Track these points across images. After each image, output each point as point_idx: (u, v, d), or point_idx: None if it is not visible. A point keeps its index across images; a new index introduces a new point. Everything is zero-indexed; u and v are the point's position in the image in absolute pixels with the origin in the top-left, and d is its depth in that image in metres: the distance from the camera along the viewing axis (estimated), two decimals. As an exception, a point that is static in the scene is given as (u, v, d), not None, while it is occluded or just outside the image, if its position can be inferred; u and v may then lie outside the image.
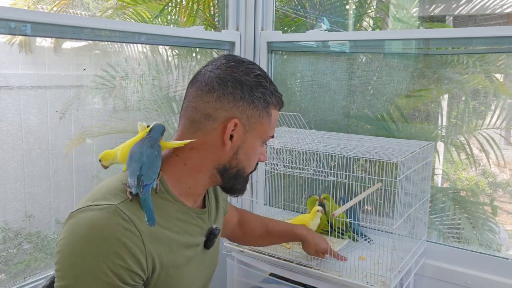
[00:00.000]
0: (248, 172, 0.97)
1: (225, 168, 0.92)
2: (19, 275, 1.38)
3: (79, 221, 0.79)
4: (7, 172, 1.38)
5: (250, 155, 0.94)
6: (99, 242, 0.76)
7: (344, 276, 1.33)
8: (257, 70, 0.92)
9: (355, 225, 1.58)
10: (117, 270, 0.76)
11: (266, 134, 0.95)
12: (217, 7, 2.14)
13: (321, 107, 2.00)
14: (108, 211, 0.79)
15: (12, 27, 1.13)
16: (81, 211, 0.80)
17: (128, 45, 1.76)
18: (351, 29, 2.13)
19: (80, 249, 0.76)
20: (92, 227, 0.77)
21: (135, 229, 0.79)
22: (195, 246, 0.95)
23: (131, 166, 0.85)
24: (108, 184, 0.87)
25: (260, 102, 0.91)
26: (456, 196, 1.78)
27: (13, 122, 1.36)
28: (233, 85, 0.88)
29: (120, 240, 0.77)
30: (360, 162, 1.73)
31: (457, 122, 1.75)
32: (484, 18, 2.11)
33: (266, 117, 0.93)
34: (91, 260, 0.75)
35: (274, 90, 0.94)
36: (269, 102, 0.92)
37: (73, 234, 0.78)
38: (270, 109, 0.93)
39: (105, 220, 0.78)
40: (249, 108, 0.90)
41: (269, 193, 1.95)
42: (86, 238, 0.76)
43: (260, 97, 0.90)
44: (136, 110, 1.76)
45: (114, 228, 0.77)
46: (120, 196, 0.83)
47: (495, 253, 1.55)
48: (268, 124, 0.94)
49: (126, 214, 0.79)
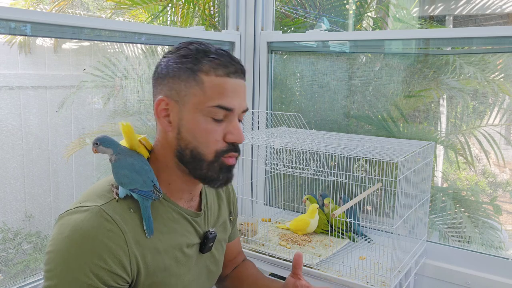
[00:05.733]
0: (205, 152, 0.86)
1: (179, 152, 0.87)
2: (19, 275, 1.38)
3: (65, 223, 0.80)
4: (7, 172, 1.38)
5: (195, 132, 0.85)
6: (81, 244, 0.76)
7: (344, 276, 1.33)
8: (191, 46, 0.86)
9: (355, 225, 1.58)
10: (98, 272, 0.76)
11: (204, 105, 0.84)
12: (217, 7, 2.14)
13: (321, 107, 2.00)
14: (91, 212, 0.79)
15: (12, 27, 1.13)
16: (68, 213, 0.81)
17: (128, 45, 1.76)
18: (351, 29, 2.13)
19: (63, 250, 0.77)
20: (75, 229, 0.78)
21: (118, 230, 0.79)
22: (187, 247, 0.92)
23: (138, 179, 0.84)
24: (96, 186, 0.87)
25: (185, 72, 0.84)
26: (456, 196, 1.78)
27: (13, 122, 1.36)
28: (160, 66, 0.88)
29: (102, 241, 0.77)
30: (360, 162, 1.73)
31: (456, 122, 1.75)
32: (484, 18, 2.11)
33: (196, 86, 0.84)
34: (73, 261, 0.76)
35: (206, 55, 0.85)
36: (195, 70, 0.84)
37: (58, 235, 0.79)
38: (199, 76, 0.84)
39: (87, 222, 0.78)
40: (174, 83, 0.85)
41: (269, 193, 1.95)
42: (69, 239, 0.77)
43: (182, 68, 0.84)
44: (135, 110, 1.76)
45: (96, 230, 0.77)
46: (106, 197, 0.83)
47: (496, 253, 1.55)
48: (203, 93, 0.83)
49: (109, 215, 0.79)
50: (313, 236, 1.59)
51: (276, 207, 1.90)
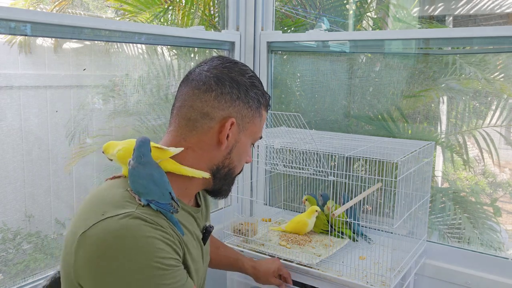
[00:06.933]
0: (236, 172, 0.99)
1: (218, 168, 0.94)
2: (19, 275, 1.38)
3: (103, 236, 0.75)
4: (7, 172, 1.38)
5: (242, 155, 0.97)
6: (138, 247, 0.75)
7: (344, 276, 1.33)
8: (250, 72, 0.95)
9: (355, 225, 1.58)
10: (166, 261, 0.77)
11: (256, 135, 0.98)
12: (217, 7, 2.14)
13: (321, 107, 2.00)
14: (132, 217, 0.77)
15: (12, 27, 1.13)
16: (96, 227, 0.76)
17: (128, 45, 1.76)
18: (351, 29, 2.13)
19: (122, 260, 0.74)
20: (122, 236, 0.75)
21: (160, 227, 0.79)
22: (198, 241, 0.98)
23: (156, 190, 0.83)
24: (107, 195, 0.84)
25: (254, 102, 0.94)
26: (456, 196, 1.78)
27: (13, 122, 1.36)
28: (230, 84, 0.90)
29: (154, 237, 0.77)
30: (360, 162, 1.73)
31: (456, 122, 1.75)
32: (484, 18, 2.11)
33: (258, 118, 0.96)
34: (137, 265, 0.74)
35: (265, 92, 0.98)
36: (261, 103, 0.96)
37: (105, 250, 0.74)
38: (262, 109, 0.96)
39: (132, 226, 0.76)
40: (244, 108, 0.92)
41: (269, 193, 1.95)
42: (122, 248, 0.74)
43: (254, 97, 0.93)
44: (135, 110, 1.76)
45: (143, 229, 0.77)
46: (132, 203, 0.81)
47: (495, 253, 1.55)
48: (259, 124, 0.97)
49: (148, 217, 0.79)
50: (313, 236, 1.59)
51: (276, 207, 1.90)
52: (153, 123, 1.83)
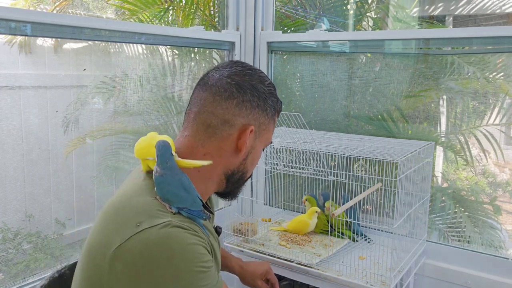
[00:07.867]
0: (248, 176, 1.01)
1: (233, 173, 0.95)
2: (19, 275, 1.38)
3: (145, 247, 0.75)
4: (7, 172, 1.38)
5: (255, 160, 0.99)
6: (182, 254, 0.75)
7: (344, 275, 1.33)
8: (267, 79, 0.97)
9: (355, 225, 1.58)
10: (206, 264, 0.78)
11: (269, 140, 1.00)
12: (217, 7, 2.14)
13: (321, 107, 2.00)
14: (171, 225, 0.77)
15: (12, 27, 1.13)
16: (134, 239, 0.75)
17: (128, 45, 1.76)
18: (351, 29, 2.13)
19: (167, 269, 0.74)
20: (165, 245, 0.74)
21: (195, 232, 0.80)
22: (217, 242, 0.99)
23: (187, 198, 0.83)
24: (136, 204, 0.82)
25: (271, 110, 0.95)
26: (456, 195, 1.78)
27: (13, 122, 1.36)
28: (251, 92, 0.91)
29: (195, 243, 0.77)
30: (360, 162, 1.73)
31: (456, 122, 1.75)
32: (484, 18, 2.11)
33: (272, 124, 0.98)
34: (182, 271, 0.75)
35: (278, 98, 1.00)
36: (276, 110, 0.98)
37: (149, 261, 0.74)
38: (276, 116, 0.99)
39: (173, 234, 0.76)
40: (262, 116, 0.93)
41: (269, 193, 1.95)
42: (166, 257, 0.74)
43: (271, 105, 0.95)
44: (136, 110, 1.76)
45: (185, 236, 0.77)
46: (163, 211, 0.80)
47: (495, 253, 1.55)
48: (272, 130, 1.00)
49: (184, 225, 0.79)
50: (313, 236, 1.59)
51: (276, 207, 1.90)
52: (153, 123, 1.83)
